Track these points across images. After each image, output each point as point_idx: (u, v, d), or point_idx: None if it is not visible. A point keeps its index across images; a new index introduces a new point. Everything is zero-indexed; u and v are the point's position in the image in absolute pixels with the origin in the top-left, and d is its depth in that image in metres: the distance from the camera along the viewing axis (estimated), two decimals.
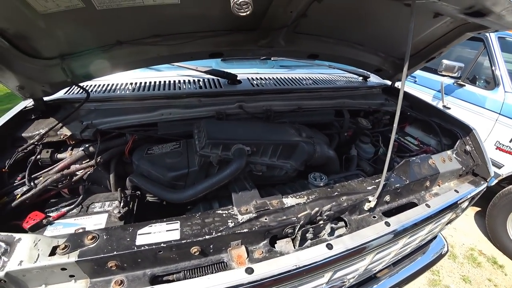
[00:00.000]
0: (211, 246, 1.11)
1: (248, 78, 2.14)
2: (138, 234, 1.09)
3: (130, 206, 1.46)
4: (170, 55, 1.57)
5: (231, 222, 1.15)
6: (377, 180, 1.53)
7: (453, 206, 1.65)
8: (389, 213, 1.48)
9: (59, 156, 1.59)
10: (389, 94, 2.47)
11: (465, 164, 1.80)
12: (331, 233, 1.28)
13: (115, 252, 1.02)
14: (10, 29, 1.25)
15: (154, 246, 1.04)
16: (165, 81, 2.01)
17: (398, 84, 2.53)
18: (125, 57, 1.55)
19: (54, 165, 1.52)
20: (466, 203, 1.84)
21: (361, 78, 2.54)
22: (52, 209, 1.42)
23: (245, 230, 1.13)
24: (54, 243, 1.06)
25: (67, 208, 1.41)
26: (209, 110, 1.77)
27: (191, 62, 2.04)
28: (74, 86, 1.90)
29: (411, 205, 1.59)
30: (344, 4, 1.52)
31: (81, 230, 1.21)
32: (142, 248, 1.03)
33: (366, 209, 1.40)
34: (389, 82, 2.50)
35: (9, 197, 1.40)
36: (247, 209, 1.21)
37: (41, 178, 1.47)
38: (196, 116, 1.74)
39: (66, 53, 1.49)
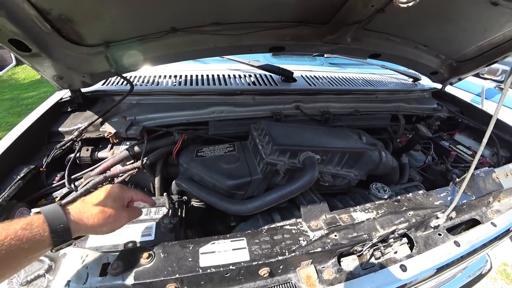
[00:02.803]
0: (281, 267, 0.95)
1: (302, 76, 1.89)
2: (201, 253, 0.92)
3: (179, 213, 1.25)
4: (228, 46, 1.33)
5: (303, 240, 0.99)
6: (442, 194, 1.36)
7: None
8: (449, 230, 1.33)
9: (100, 155, 1.36)
10: (438, 98, 2.23)
11: None
12: (396, 251, 1.14)
13: (177, 275, 0.86)
14: (54, 10, 1.04)
15: (221, 269, 0.88)
16: (213, 75, 1.76)
17: (448, 88, 2.28)
18: (178, 46, 1.31)
19: (96, 166, 1.30)
20: None
21: (411, 80, 2.29)
22: None
23: (318, 250, 0.97)
24: (103, 260, 0.91)
25: None
26: (264, 110, 1.54)
27: (238, 56, 1.80)
28: (115, 77, 1.67)
29: (473, 222, 1.43)
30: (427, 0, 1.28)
31: (131, 244, 1.03)
32: (208, 270, 0.87)
33: (432, 226, 1.23)
34: (438, 86, 2.25)
35: (47, 199, 1.22)
36: (317, 225, 1.06)
37: (82, 180, 1.25)
38: (250, 116, 1.51)
39: (112, 40, 1.26)
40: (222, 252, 0.94)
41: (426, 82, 2.31)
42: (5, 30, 1.00)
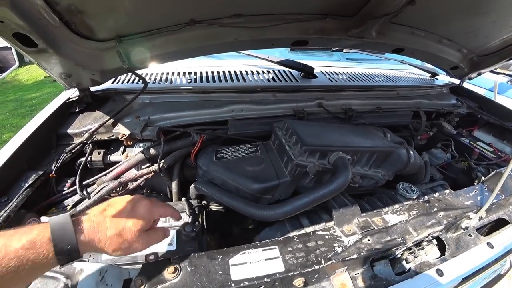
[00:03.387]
0: (315, 276, 0.88)
1: (321, 72, 1.79)
2: (231, 265, 0.85)
3: (199, 219, 1.15)
4: (249, 40, 1.22)
5: (338, 247, 0.94)
6: (471, 194, 1.30)
7: None
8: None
9: (113, 158, 1.26)
10: (455, 94, 2.13)
11: None
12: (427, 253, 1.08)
13: None
14: (63, 0, 0.93)
15: (256, 282, 0.80)
16: (229, 71, 1.65)
17: (466, 84, 2.19)
18: (196, 40, 1.20)
19: (109, 170, 1.19)
20: None
21: (429, 75, 2.19)
22: None
23: (354, 256, 0.91)
24: (124, 276, 0.83)
25: None
26: (286, 108, 1.43)
27: (255, 51, 1.69)
28: (125, 75, 1.56)
29: (502, 222, 1.32)
30: None
31: (152, 256, 0.95)
32: (242, 284, 0.80)
33: (463, 226, 1.15)
34: (456, 81, 2.16)
35: (58, 208, 1.12)
36: (350, 230, 1.01)
37: (94, 186, 1.14)
38: (271, 114, 1.40)
39: (124, 33, 1.15)
40: (254, 263, 0.86)
41: (442, 77, 2.22)
42: (8, 23, 0.88)
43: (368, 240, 0.97)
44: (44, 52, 1.05)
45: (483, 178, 1.61)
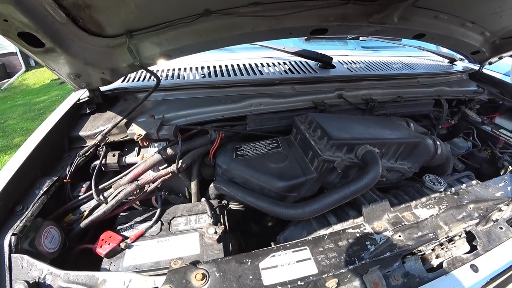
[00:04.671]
0: (348, 276, 0.84)
1: (339, 61, 1.69)
2: (262, 269, 0.81)
3: (221, 220, 1.10)
4: (267, 30, 1.13)
5: (370, 245, 0.90)
6: (501, 184, 1.23)
7: None
8: None
9: (128, 160, 1.19)
10: (475, 79, 2.02)
11: None
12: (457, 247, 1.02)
13: None
14: None
15: (289, 285, 0.77)
16: (244, 64, 1.57)
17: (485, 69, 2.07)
18: (211, 32, 1.11)
19: (125, 173, 1.12)
20: None
21: (447, 61, 2.08)
22: (125, 225, 1.09)
23: (387, 254, 0.87)
24: (150, 284, 0.79)
25: (144, 225, 1.05)
26: (305, 100, 1.36)
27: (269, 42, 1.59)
28: (134, 73, 1.49)
29: None
30: None
31: (177, 262, 0.91)
32: None
33: (494, 219, 1.10)
34: (475, 67, 2.04)
35: (74, 214, 1.06)
36: (381, 226, 0.97)
37: (111, 190, 1.07)
38: (291, 107, 1.33)
39: (135, 28, 1.07)
40: (286, 265, 0.82)
41: (459, 63, 2.10)
42: (13, 21, 0.81)
43: (400, 236, 0.93)
44: (52, 52, 0.98)
45: (510, 167, 1.53)
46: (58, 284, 0.78)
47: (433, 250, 0.97)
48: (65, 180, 1.07)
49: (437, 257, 0.98)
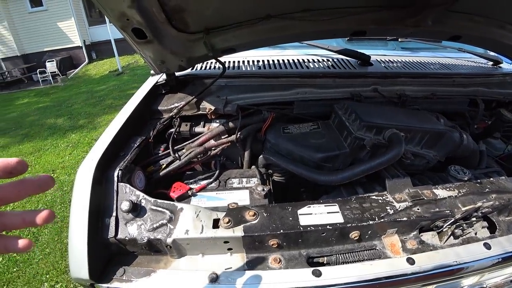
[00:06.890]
0: (369, 232, 1.03)
1: (377, 60, 1.91)
2: (300, 214, 1.02)
3: (267, 183, 1.36)
4: (313, 31, 1.39)
5: (390, 209, 1.05)
6: None
7: None
8: None
9: (197, 130, 1.52)
10: None
11: None
12: (476, 232, 1.10)
13: (281, 231, 0.96)
14: (172, 1, 1.17)
15: (320, 228, 0.97)
16: (293, 60, 1.86)
17: None
18: (268, 32, 1.40)
19: (195, 138, 1.45)
20: None
21: (491, 63, 2.18)
22: (191, 181, 1.37)
23: (404, 219, 1.02)
24: (213, 216, 1.04)
25: (206, 181, 1.34)
26: (344, 92, 1.60)
27: (315, 41, 1.86)
28: (201, 63, 1.83)
29: None
30: None
31: (234, 205, 1.14)
32: (308, 228, 0.97)
33: None
34: None
35: (155, 166, 1.37)
36: (401, 198, 1.11)
37: (184, 150, 1.41)
38: (331, 97, 1.57)
39: (211, 27, 1.38)
40: (318, 214, 1.03)
41: (506, 66, 2.18)
42: (132, 20, 1.14)
43: (418, 209, 1.06)
44: (150, 43, 1.31)
45: None
46: (149, 206, 1.03)
47: (450, 228, 1.04)
48: (149, 140, 1.40)
49: (454, 236, 1.06)
